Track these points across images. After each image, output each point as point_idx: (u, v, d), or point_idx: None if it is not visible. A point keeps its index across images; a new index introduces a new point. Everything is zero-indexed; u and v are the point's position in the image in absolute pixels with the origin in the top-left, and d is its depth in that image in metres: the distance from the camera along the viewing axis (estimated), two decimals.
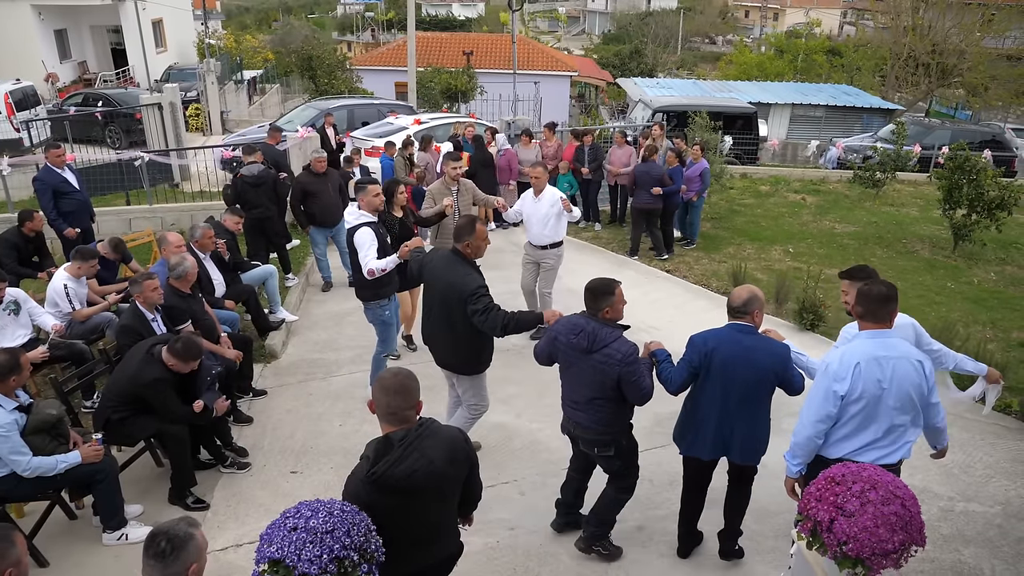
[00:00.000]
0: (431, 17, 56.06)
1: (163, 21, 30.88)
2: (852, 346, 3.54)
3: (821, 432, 3.57)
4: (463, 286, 4.68)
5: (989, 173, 10.89)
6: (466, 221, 4.92)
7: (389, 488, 2.76)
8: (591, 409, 4.18)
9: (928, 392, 3.56)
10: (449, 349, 5.00)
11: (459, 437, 3.05)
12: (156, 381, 4.73)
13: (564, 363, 4.29)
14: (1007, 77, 27.68)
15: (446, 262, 4.90)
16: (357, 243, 5.69)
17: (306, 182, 8.80)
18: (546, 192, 7.41)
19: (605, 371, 4.03)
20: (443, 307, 4.83)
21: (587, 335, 4.07)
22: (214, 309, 6.42)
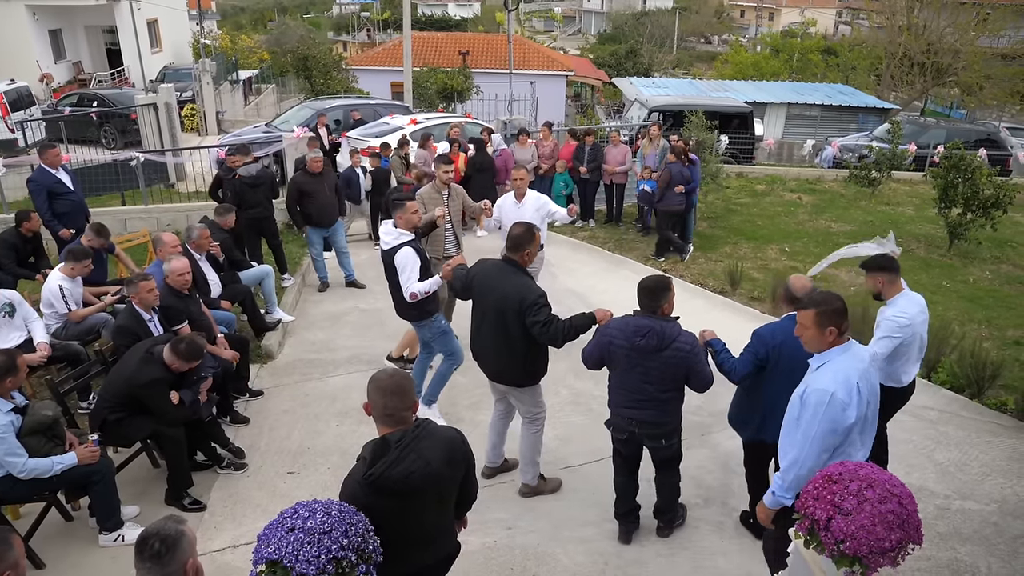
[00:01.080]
0: (427, 17, 56.05)
1: (158, 21, 30.82)
2: (839, 368, 3.32)
3: (825, 462, 3.29)
4: (522, 297, 4.47)
5: (984, 172, 10.93)
6: (524, 229, 4.70)
7: (386, 490, 2.76)
8: (660, 405, 4.25)
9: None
10: (504, 363, 4.76)
11: (456, 438, 3.05)
12: (153, 382, 4.72)
13: (625, 364, 4.23)
14: (1002, 76, 27.77)
15: (500, 273, 4.69)
16: (399, 264, 5.43)
17: (302, 182, 8.79)
18: (529, 196, 7.23)
19: (676, 365, 4.13)
20: (499, 319, 4.60)
21: (656, 334, 4.10)
22: (210, 310, 6.41)
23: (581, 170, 11.50)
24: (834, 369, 3.32)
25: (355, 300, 8.78)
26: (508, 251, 4.72)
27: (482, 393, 6.47)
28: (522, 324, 4.48)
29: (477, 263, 4.95)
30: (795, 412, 3.43)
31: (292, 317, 8.07)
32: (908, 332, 4.58)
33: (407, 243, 5.48)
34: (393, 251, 5.47)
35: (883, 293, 4.75)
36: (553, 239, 11.51)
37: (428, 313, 5.73)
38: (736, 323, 8.02)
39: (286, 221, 11.43)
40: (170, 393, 4.81)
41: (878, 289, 4.78)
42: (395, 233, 5.53)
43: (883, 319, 4.67)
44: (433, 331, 5.84)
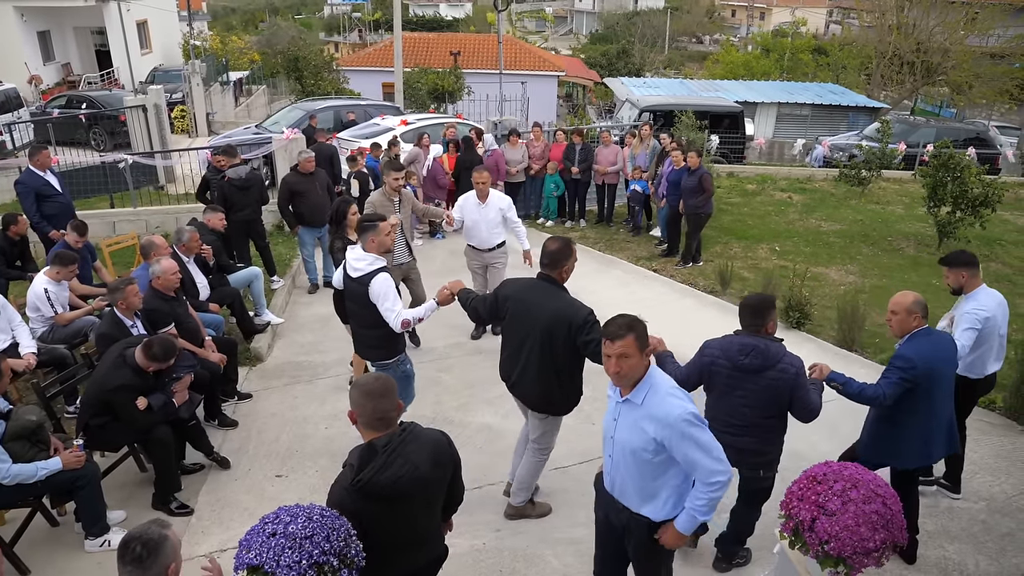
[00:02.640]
0: (418, 17, 56.00)
1: (148, 22, 30.69)
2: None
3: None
4: (572, 316, 4.20)
5: (973, 170, 10.95)
6: (563, 244, 4.40)
7: (375, 495, 2.74)
8: (759, 431, 4.01)
9: None
10: (547, 388, 4.43)
11: (442, 440, 3.04)
12: (119, 388, 4.65)
13: (723, 387, 4.02)
14: (991, 75, 27.91)
15: (542, 292, 4.36)
16: (378, 294, 4.73)
17: (293, 182, 8.77)
18: (492, 196, 7.17)
19: (779, 388, 3.91)
20: (545, 341, 4.28)
21: (760, 353, 3.90)
22: (198, 312, 6.38)
23: (573, 170, 11.49)
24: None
25: None
26: (544, 267, 4.40)
27: (469, 395, 6.47)
28: (571, 346, 4.23)
29: (506, 283, 4.65)
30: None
31: (281, 319, 8.04)
32: (988, 324, 4.81)
33: (381, 268, 4.85)
34: (367, 279, 4.77)
35: (964, 287, 4.93)
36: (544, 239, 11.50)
37: (396, 352, 5.08)
38: (727, 323, 7.96)
39: (276, 223, 11.44)
40: (137, 399, 4.73)
41: (960, 283, 4.94)
42: (367, 258, 4.84)
43: (963, 312, 4.86)
44: (396, 374, 5.08)
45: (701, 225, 10.13)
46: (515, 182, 11.82)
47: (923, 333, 4.24)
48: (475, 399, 6.41)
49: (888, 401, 4.12)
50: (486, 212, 7.13)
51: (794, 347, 4.83)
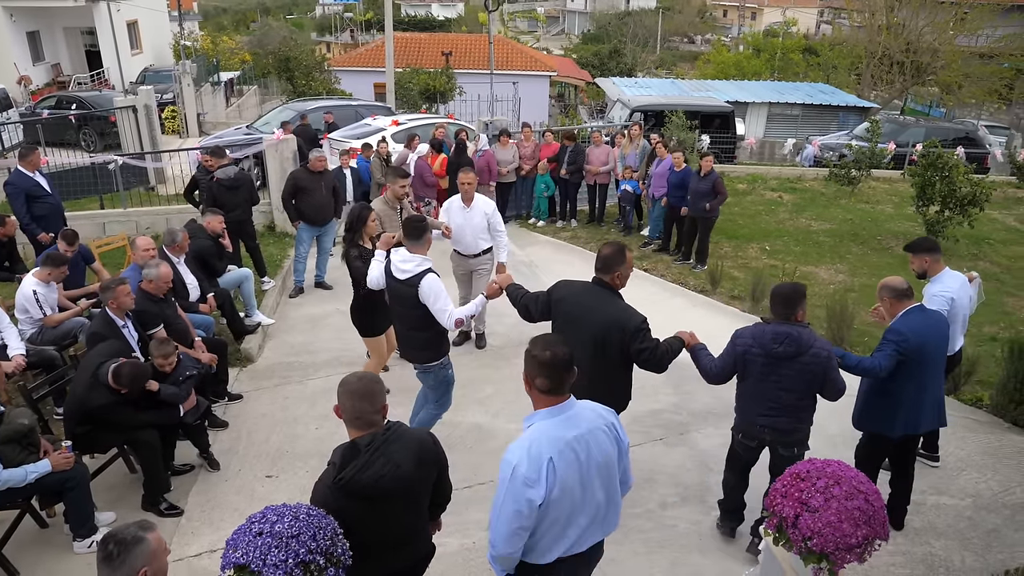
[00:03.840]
0: (410, 17, 55.98)
1: (138, 22, 30.60)
2: (535, 436, 2.83)
3: (519, 546, 2.86)
4: (626, 321, 4.19)
5: (961, 170, 11.03)
6: (616, 250, 4.35)
7: (357, 494, 2.76)
8: (794, 411, 4.23)
9: (623, 452, 3.07)
10: (600, 392, 4.25)
11: (427, 439, 3.05)
12: (104, 407, 4.66)
13: (760, 373, 4.19)
14: (980, 75, 28.07)
15: (595, 296, 4.32)
16: (429, 294, 4.80)
17: (299, 177, 8.79)
18: (477, 200, 7.02)
19: (814, 371, 4.11)
20: (598, 346, 4.23)
21: (793, 340, 4.08)
22: (188, 313, 6.38)
23: (562, 172, 11.53)
24: (532, 439, 2.83)
25: (335, 303, 8.73)
26: (598, 272, 4.35)
27: (460, 394, 6.44)
28: (623, 351, 4.22)
29: (560, 284, 4.56)
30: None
31: (272, 320, 8.04)
32: (954, 305, 5.14)
33: (431, 269, 4.92)
34: (416, 280, 4.83)
35: (928, 272, 5.25)
36: (536, 239, 11.56)
37: (442, 353, 5.13)
38: (716, 322, 8.07)
39: (267, 223, 11.44)
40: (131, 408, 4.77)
41: (924, 268, 5.26)
42: (415, 259, 4.89)
43: (932, 295, 5.12)
44: (438, 378, 5.20)
45: (710, 228, 10.16)
46: (506, 182, 11.84)
47: (916, 310, 4.56)
48: (466, 399, 6.42)
49: (884, 373, 4.39)
50: (471, 216, 7.00)
51: None
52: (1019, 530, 4.98)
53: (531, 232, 11.91)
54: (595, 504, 2.95)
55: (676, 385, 6.77)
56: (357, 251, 5.83)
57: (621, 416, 4.06)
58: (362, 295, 5.78)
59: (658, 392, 6.73)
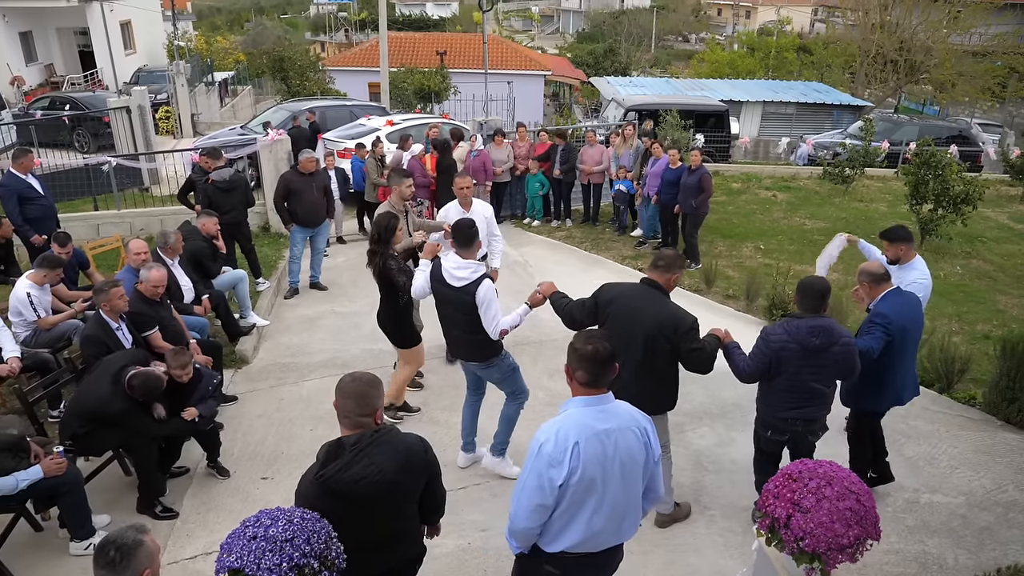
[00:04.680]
0: (405, 17, 55.87)
1: (132, 23, 30.50)
2: (567, 420, 2.94)
3: (539, 523, 2.98)
4: (678, 322, 4.23)
5: (954, 168, 11.08)
6: (677, 254, 4.52)
7: (336, 493, 2.78)
8: (822, 399, 4.38)
9: (654, 461, 3.09)
10: (648, 391, 4.35)
11: (417, 446, 3.04)
12: (123, 413, 4.66)
13: (795, 367, 4.27)
14: (973, 73, 28.16)
15: (647, 296, 4.36)
16: (484, 300, 4.76)
17: (290, 179, 8.78)
18: (476, 205, 6.91)
19: (846, 358, 4.28)
20: (649, 347, 4.27)
21: (827, 332, 4.22)
22: (184, 315, 6.37)
23: (555, 172, 11.54)
24: (564, 423, 2.95)
25: (331, 303, 8.75)
26: (658, 270, 4.40)
27: (455, 395, 6.45)
28: (673, 350, 4.28)
29: (606, 287, 4.57)
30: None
31: (267, 321, 8.03)
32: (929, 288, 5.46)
33: (485, 275, 4.88)
34: (473, 287, 4.78)
35: (901, 259, 5.44)
36: (530, 239, 11.56)
37: (501, 347, 5.08)
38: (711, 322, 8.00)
39: (262, 224, 11.43)
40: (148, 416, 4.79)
41: (898, 255, 5.46)
42: (470, 266, 4.84)
43: (912, 281, 5.26)
44: (503, 370, 5.16)
45: (699, 224, 10.18)
46: (501, 182, 11.84)
47: (894, 293, 4.83)
48: (461, 400, 6.34)
49: (875, 355, 4.60)
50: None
51: None
52: (1012, 528, 5.01)
53: (526, 232, 11.92)
54: (613, 501, 2.98)
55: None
56: (395, 263, 5.65)
57: None
58: (401, 305, 5.73)
59: None
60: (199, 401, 5.04)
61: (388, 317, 5.87)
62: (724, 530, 4.92)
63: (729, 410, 6.41)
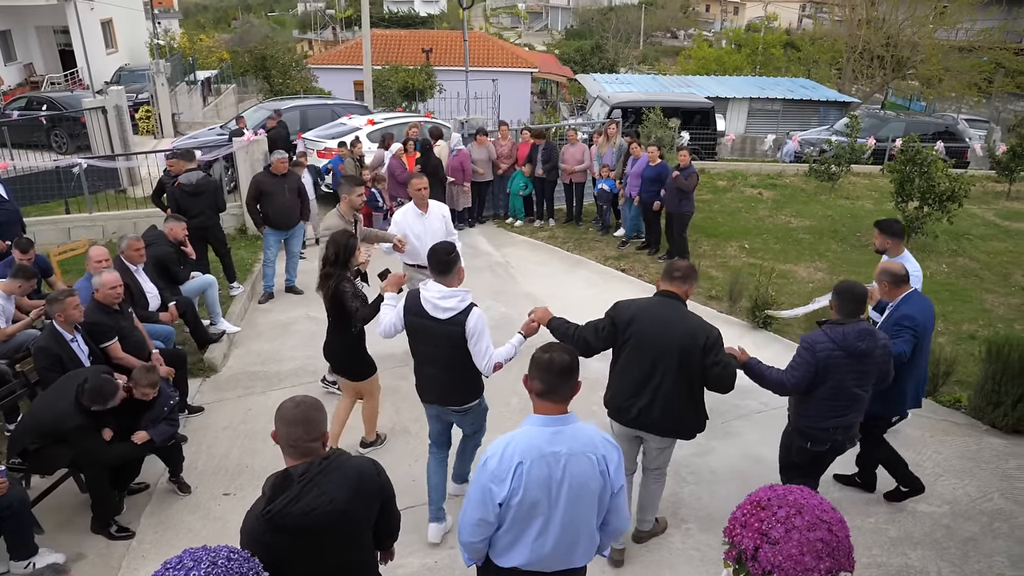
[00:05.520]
0: (392, 14, 55.52)
1: (113, 21, 30.13)
2: (517, 438, 2.82)
3: (482, 538, 2.89)
4: (707, 335, 4.01)
5: (940, 165, 10.96)
6: (691, 264, 4.25)
7: (286, 528, 2.59)
8: (860, 404, 4.30)
9: (613, 493, 2.91)
10: (683, 412, 4.17)
11: (369, 470, 2.87)
12: (77, 429, 4.46)
13: (840, 374, 4.15)
14: (959, 68, 28.11)
15: (672, 309, 4.11)
16: (476, 332, 4.19)
17: (262, 181, 8.60)
18: (433, 206, 6.63)
19: (885, 360, 4.27)
20: (682, 363, 4.02)
21: (871, 335, 4.18)
22: (148, 323, 6.17)
23: (537, 171, 11.37)
24: (513, 440, 2.83)
25: (305, 308, 8.54)
26: (674, 281, 4.16)
27: None
28: (699, 367, 4.03)
29: (623, 305, 4.25)
30: None
31: (237, 328, 7.81)
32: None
33: (473, 303, 4.29)
34: (462, 317, 4.19)
35: (889, 252, 5.56)
36: (513, 239, 11.39)
37: (482, 388, 4.57)
38: None
39: (238, 227, 11.21)
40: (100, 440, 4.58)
41: (886, 247, 5.59)
42: (457, 294, 4.22)
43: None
44: (479, 415, 4.70)
45: (686, 224, 10.06)
46: (482, 181, 11.66)
47: (914, 294, 4.88)
48: None
49: (907, 358, 4.67)
50: (430, 222, 6.55)
51: (761, 347, 4.77)
52: (997, 539, 4.87)
53: (508, 232, 11.74)
54: (561, 526, 2.85)
55: None
56: (349, 286, 5.10)
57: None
58: (354, 334, 5.19)
59: None
60: (152, 423, 4.81)
61: (338, 347, 5.34)
62: (701, 544, 4.76)
63: None
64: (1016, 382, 6.05)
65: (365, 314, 4.97)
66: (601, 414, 6.12)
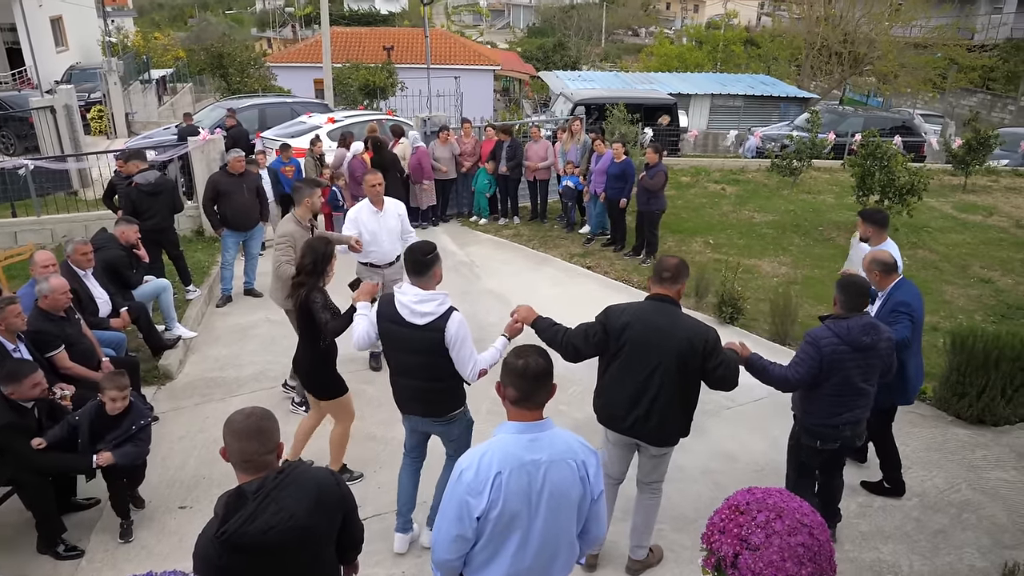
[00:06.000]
0: (353, 12, 54.88)
1: (63, 18, 29.24)
2: (493, 447, 2.68)
3: (459, 555, 2.72)
4: (704, 338, 3.83)
5: (899, 159, 11.08)
6: (681, 261, 3.99)
7: (243, 548, 2.42)
8: (866, 397, 4.27)
9: (593, 499, 2.79)
10: (678, 419, 4.02)
11: (328, 481, 2.71)
12: (5, 428, 4.21)
13: (840, 370, 4.12)
14: (915, 65, 28.63)
15: (666, 314, 3.91)
16: (457, 338, 3.92)
17: (218, 181, 8.34)
18: (389, 204, 6.42)
19: (889, 353, 4.23)
20: (681, 369, 3.85)
21: (875, 329, 4.14)
22: (97, 331, 5.91)
23: (500, 168, 11.24)
24: (489, 449, 2.68)
25: (265, 311, 8.30)
26: (664, 283, 3.95)
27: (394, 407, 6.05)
28: (700, 370, 3.88)
29: (614, 310, 4.04)
30: None
31: (194, 333, 7.55)
32: None
33: (453, 307, 4.01)
34: (441, 323, 3.91)
35: (872, 241, 5.54)
36: (477, 238, 11.25)
37: (464, 398, 4.28)
38: None
39: (196, 228, 10.90)
40: (31, 439, 4.31)
41: (868, 236, 5.57)
42: (436, 298, 3.95)
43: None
44: (464, 425, 4.36)
45: (656, 221, 10.01)
46: (446, 180, 11.50)
47: (904, 281, 4.90)
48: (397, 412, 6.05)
49: (909, 343, 4.73)
50: (385, 220, 6.34)
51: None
52: (966, 530, 4.88)
53: (472, 231, 11.60)
54: (541, 538, 2.72)
55: None
56: (320, 297, 4.75)
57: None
58: (322, 349, 4.83)
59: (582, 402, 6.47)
60: (120, 442, 4.50)
61: (305, 362, 5.00)
62: (674, 544, 4.67)
63: None
64: (980, 373, 6.09)
65: (336, 327, 4.67)
66: (569, 413, 6.06)
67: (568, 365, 4.26)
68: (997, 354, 5.98)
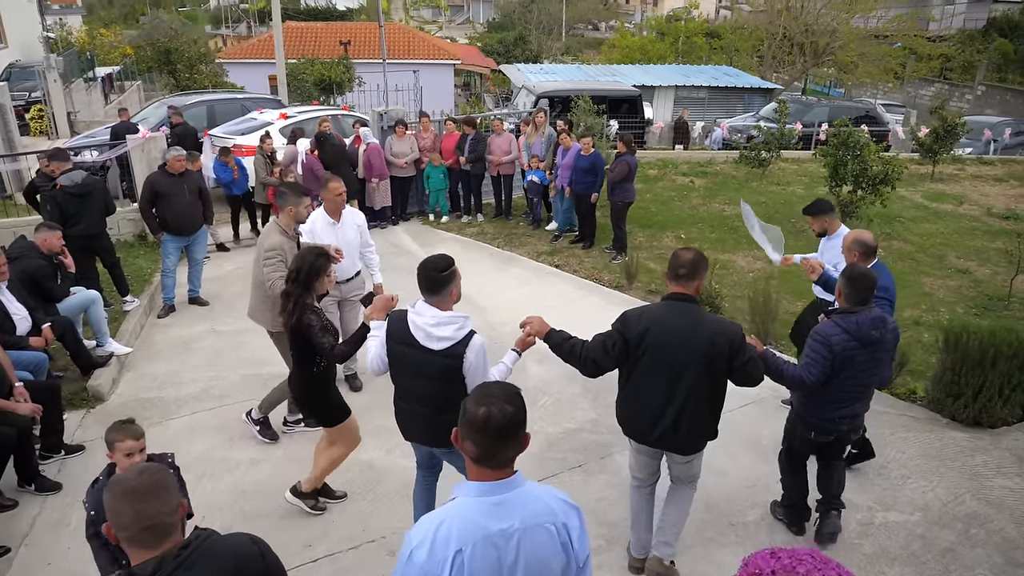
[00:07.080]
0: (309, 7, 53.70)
1: (1, 15, 27.89)
2: (450, 515, 2.16)
3: None
4: (729, 336, 3.59)
5: (872, 149, 10.80)
6: (698, 254, 3.68)
7: None
8: (868, 391, 4.19)
9: (579, 567, 2.28)
10: (704, 422, 3.76)
11: (247, 550, 2.16)
12: None
13: (849, 366, 3.98)
14: (875, 55, 28.72)
15: (688, 315, 3.63)
16: (476, 364, 3.51)
17: (157, 182, 7.71)
18: (347, 214, 5.82)
19: (894, 345, 4.16)
20: (707, 370, 3.61)
21: (884, 322, 4.02)
22: (14, 351, 5.27)
23: (461, 160, 10.68)
24: (445, 520, 2.15)
25: (211, 321, 7.69)
26: (681, 280, 3.65)
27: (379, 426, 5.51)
28: (727, 370, 3.65)
29: (631, 315, 3.71)
30: None
31: (129, 348, 6.89)
32: None
33: (473, 331, 3.58)
34: (461, 348, 3.49)
35: (828, 230, 5.58)
36: (439, 237, 10.71)
37: None
38: None
39: (138, 232, 10.20)
40: None
41: (824, 227, 5.58)
42: (455, 321, 3.51)
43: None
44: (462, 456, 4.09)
45: (623, 214, 9.62)
46: (403, 176, 10.93)
47: (881, 266, 4.78)
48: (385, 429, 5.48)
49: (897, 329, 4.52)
50: (343, 232, 5.77)
51: None
52: (975, 547, 4.49)
53: (434, 230, 11.05)
54: None
55: (595, 398, 6.08)
56: (316, 318, 4.20)
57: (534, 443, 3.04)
58: (318, 372, 4.36)
59: (575, 408, 6.02)
60: None
61: (300, 387, 4.48)
62: None
63: None
64: (976, 372, 5.73)
65: (345, 351, 4.12)
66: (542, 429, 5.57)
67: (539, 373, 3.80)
68: (993, 352, 5.63)
